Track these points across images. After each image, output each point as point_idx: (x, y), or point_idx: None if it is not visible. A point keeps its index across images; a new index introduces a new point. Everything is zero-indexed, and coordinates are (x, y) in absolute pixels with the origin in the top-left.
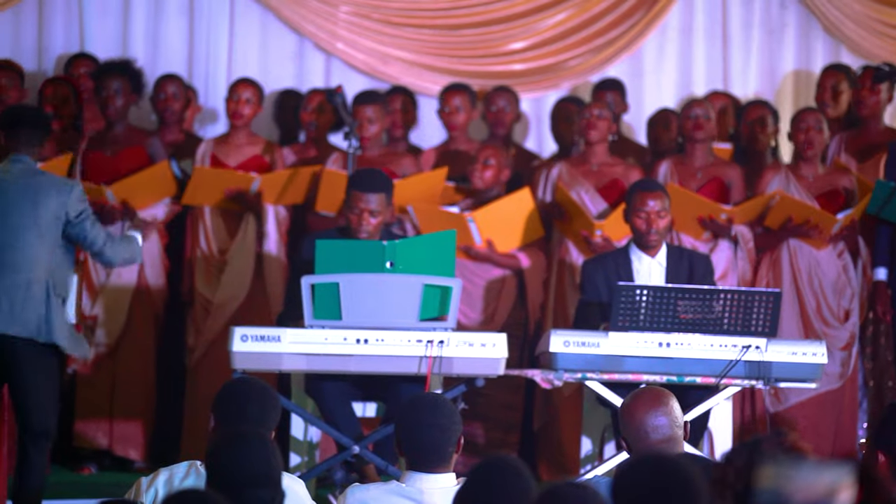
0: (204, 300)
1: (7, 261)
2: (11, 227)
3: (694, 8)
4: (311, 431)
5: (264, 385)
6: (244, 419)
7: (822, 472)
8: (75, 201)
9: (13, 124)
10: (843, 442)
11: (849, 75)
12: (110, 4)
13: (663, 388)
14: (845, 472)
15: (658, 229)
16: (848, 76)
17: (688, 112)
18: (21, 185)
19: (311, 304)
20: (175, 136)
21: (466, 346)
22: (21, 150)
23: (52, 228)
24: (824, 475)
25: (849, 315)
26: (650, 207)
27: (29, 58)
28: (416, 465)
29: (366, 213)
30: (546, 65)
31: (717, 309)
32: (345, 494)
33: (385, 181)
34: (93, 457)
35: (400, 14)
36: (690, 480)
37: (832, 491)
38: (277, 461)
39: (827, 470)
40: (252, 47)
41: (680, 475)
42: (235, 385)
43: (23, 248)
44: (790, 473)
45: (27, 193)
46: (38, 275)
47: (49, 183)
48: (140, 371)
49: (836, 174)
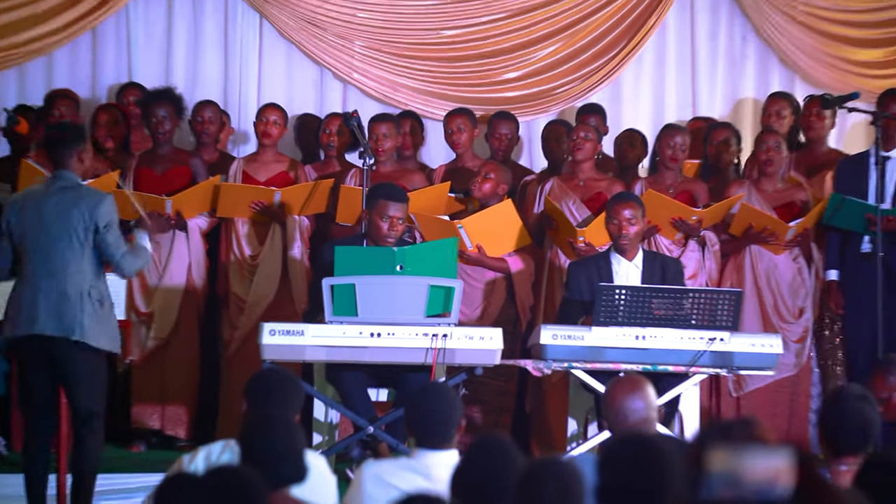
0: (238, 299)
1: (45, 268)
2: (48, 237)
3: (666, 42)
4: (331, 414)
5: (290, 374)
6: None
7: (769, 458)
8: (104, 212)
9: (49, 143)
10: (797, 423)
11: (791, 102)
12: (155, 40)
13: (640, 376)
14: (787, 457)
15: (629, 235)
16: (790, 102)
17: (669, 140)
18: (57, 198)
19: (331, 303)
20: (211, 155)
21: (467, 339)
22: (61, 165)
23: (85, 237)
24: (770, 460)
25: (803, 312)
26: (623, 216)
27: (84, 87)
28: (424, 443)
29: (395, 220)
30: (537, 92)
31: (687, 306)
32: (361, 469)
33: (405, 193)
34: (143, 436)
35: (408, 48)
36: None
37: (777, 473)
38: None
39: (772, 455)
40: (278, 77)
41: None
42: (264, 374)
43: (58, 256)
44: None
45: (62, 205)
46: (73, 280)
47: (83, 195)
48: (186, 361)
49: (794, 189)
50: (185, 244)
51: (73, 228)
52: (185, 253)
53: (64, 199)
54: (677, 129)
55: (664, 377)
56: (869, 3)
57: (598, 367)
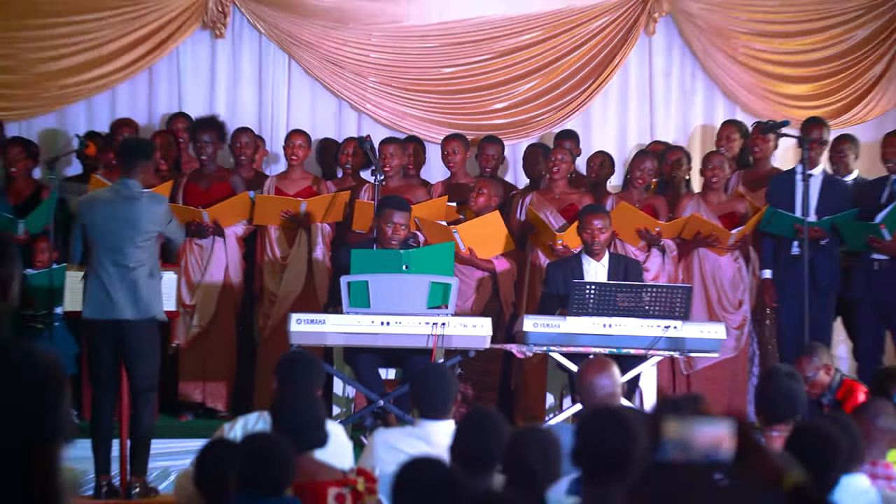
0: (270, 294)
1: (118, 262)
2: (120, 236)
3: (628, 78)
4: (348, 389)
5: (313, 356)
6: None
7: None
8: (165, 212)
9: (123, 151)
10: (737, 397)
11: (739, 128)
12: (200, 76)
13: (607, 358)
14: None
15: (599, 241)
16: (739, 128)
17: (640, 164)
18: (124, 203)
19: (348, 297)
20: (248, 173)
21: (461, 327)
22: (127, 174)
23: (148, 232)
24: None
25: (742, 304)
26: (594, 225)
27: (141, 116)
28: (426, 414)
29: (398, 226)
30: (519, 120)
31: (646, 299)
32: (373, 435)
33: (408, 204)
34: (190, 408)
35: (412, 83)
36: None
37: (720, 439)
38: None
39: (716, 424)
40: (303, 107)
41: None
42: (292, 356)
43: (129, 251)
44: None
45: (129, 209)
46: (140, 268)
47: (146, 199)
48: (225, 346)
49: (735, 201)
50: (222, 248)
51: (138, 227)
52: (222, 255)
53: (130, 203)
54: (647, 156)
55: (627, 359)
56: (797, 47)
57: (572, 351)
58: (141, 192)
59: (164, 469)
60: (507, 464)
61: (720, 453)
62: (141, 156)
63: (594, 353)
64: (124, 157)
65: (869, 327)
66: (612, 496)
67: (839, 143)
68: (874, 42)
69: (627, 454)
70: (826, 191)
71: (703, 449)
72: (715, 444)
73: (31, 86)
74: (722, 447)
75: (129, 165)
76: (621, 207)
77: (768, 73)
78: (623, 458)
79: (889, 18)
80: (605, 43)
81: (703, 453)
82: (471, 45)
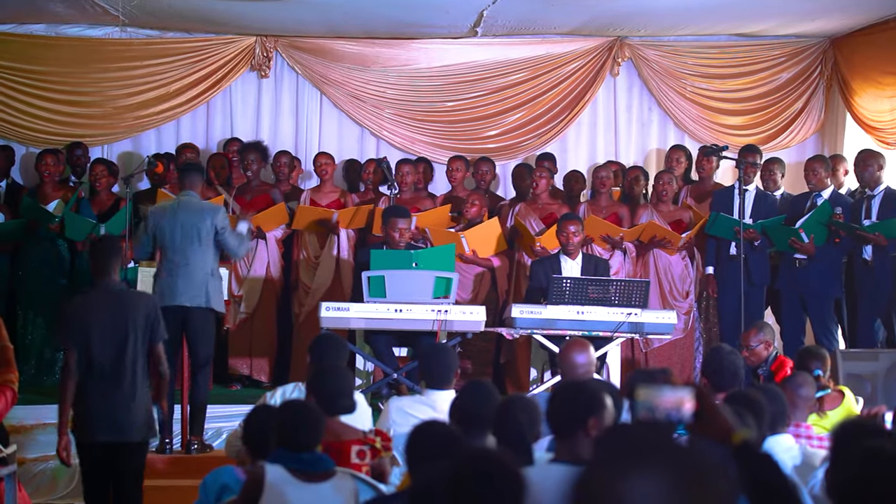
0: (305, 286)
1: (184, 261)
2: (185, 239)
3: (597, 111)
4: (367, 364)
5: (340, 337)
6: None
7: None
8: (221, 219)
9: (184, 170)
10: (685, 370)
11: (685, 152)
12: (248, 109)
13: (582, 339)
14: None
15: (573, 243)
16: (685, 152)
17: (597, 174)
18: (188, 211)
19: (368, 289)
20: (286, 188)
21: (461, 314)
22: (188, 186)
23: (209, 236)
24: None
25: (688, 294)
26: (569, 230)
27: (201, 140)
28: (432, 385)
29: (402, 231)
30: (508, 144)
31: (612, 291)
32: (388, 402)
33: (408, 211)
34: (238, 379)
35: (422, 114)
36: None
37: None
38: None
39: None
40: (332, 134)
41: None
42: (322, 337)
43: (192, 252)
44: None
45: (192, 216)
46: (202, 267)
47: (205, 208)
48: (267, 328)
49: (682, 210)
50: (264, 249)
51: (199, 231)
52: (264, 255)
53: (192, 212)
54: (602, 167)
55: (596, 340)
56: (734, 86)
57: (551, 333)
58: (200, 202)
59: (218, 430)
60: (499, 424)
61: (681, 414)
62: (199, 173)
63: (570, 335)
64: (186, 175)
65: (793, 314)
66: (580, 449)
67: (769, 165)
68: (796, 82)
69: (593, 414)
70: (758, 203)
71: (667, 410)
72: (677, 405)
73: (111, 117)
74: (683, 409)
75: (191, 181)
76: (590, 219)
77: (711, 108)
78: (587, 417)
79: (808, 63)
80: (578, 82)
81: (667, 413)
82: (469, 83)
